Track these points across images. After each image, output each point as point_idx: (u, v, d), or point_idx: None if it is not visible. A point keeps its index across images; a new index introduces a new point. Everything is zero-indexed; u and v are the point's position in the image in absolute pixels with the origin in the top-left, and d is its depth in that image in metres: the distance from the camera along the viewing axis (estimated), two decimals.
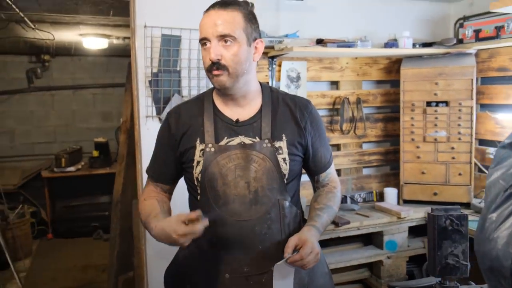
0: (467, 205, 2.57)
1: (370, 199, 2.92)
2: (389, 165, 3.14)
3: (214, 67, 1.34)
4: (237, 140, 1.40)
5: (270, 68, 2.67)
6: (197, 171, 1.40)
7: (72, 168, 5.00)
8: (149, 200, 1.50)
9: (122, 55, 5.55)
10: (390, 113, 3.08)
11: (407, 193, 2.72)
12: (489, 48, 2.61)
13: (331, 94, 2.89)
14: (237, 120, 1.43)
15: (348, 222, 2.46)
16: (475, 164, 2.69)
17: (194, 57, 2.62)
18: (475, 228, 0.84)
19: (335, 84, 2.95)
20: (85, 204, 5.37)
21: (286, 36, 2.58)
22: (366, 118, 2.93)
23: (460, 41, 2.63)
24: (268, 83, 2.69)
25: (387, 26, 2.95)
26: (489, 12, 2.76)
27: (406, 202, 2.75)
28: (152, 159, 1.57)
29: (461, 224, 1.15)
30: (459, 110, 2.55)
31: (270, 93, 1.49)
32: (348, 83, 2.92)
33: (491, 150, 2.68)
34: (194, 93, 2.65)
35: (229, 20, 1.34)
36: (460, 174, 2.57)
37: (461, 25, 2.71)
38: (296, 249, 1.28)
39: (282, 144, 1.42)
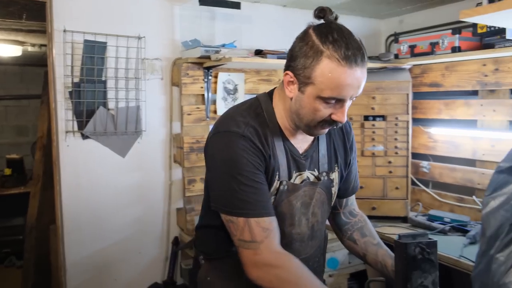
0: (404, 219, 2.54)
1: None
2: None
3: (333, 125, 1.13)
4: (303, 176, 1.23)
5: (205, 80, 2.46)
6: None
7: None
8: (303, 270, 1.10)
9: (38, 64, 5.02)
10: None
11: None
12: (421, 64, 2.62)
13: None
14: (304, 153, 1.24)
15: None
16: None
17: (122, 66, 2.35)
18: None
19: None
20: None
21: (223, 46, 2.39)
22: None
23: (396, 56, 2.62)
24: (203, 95, 2.48)
25: None
26: (420, 29, 2.80)
27: None
28: (252, 193, 1.10)
29: (432, 252, 1.03)
30: (396, 125, 2.52)
31: None
32: None
33: (424, 163, 2.69)
34: (122, 105, 2.37)
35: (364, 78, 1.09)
36: (397, 188, 2.54)
37: (396, 41, 2.71)
38: None
39: (335, 175, 1.30)
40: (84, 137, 2.30)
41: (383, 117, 2.55)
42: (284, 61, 2.44)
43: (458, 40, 2.30)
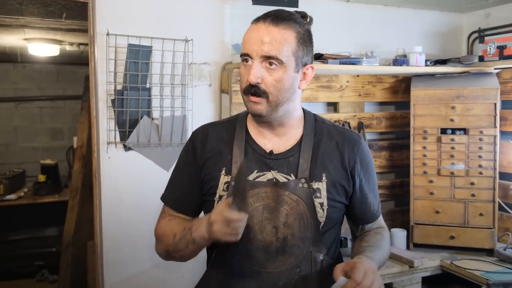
0: (489, 252, 2.46)
1: None
2: (394, 201, 3.01)
3: (252, 90, 1.29)
4: (268, 176, 1.35)
5: None
6: None
7: (12, 196, 4.65)
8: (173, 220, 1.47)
9: (75, 63, 5.28)
10: (395, 139, 2.97)
11: (419, 236, 2.59)
12: None
13: (329, 117, 2.74)
14: (271, 152, 1.37)
15: None
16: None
17: (168, 72, 2.45)
18: None
19: (333, 105, 2.83)
20: (27, 239, 5.08)
21: None
22: (369, 146, 2.80)
23: (481, 59, 2.55)
24: None
25: (392, 40, 2.88)
26: (510, 25, 2.69)
27: (417, 246, 2.61)
28: (169, 185, 1.52)
29: None
30: (480, 139, 2.46)
31: (313, 123, 1.43)
32: (348, 105, 2.79)
33: None
34: (167, 115, 2.46)
35: (279, 40, 1.27)
36: (481, 215, 2.46)
37: (481, 39, 2.63)
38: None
39: (321, 186, 1.35)
40: (127, 148, 2.40)
41: (465, 130, 2.50)
42: (347, 66, 2.46)
43: None
